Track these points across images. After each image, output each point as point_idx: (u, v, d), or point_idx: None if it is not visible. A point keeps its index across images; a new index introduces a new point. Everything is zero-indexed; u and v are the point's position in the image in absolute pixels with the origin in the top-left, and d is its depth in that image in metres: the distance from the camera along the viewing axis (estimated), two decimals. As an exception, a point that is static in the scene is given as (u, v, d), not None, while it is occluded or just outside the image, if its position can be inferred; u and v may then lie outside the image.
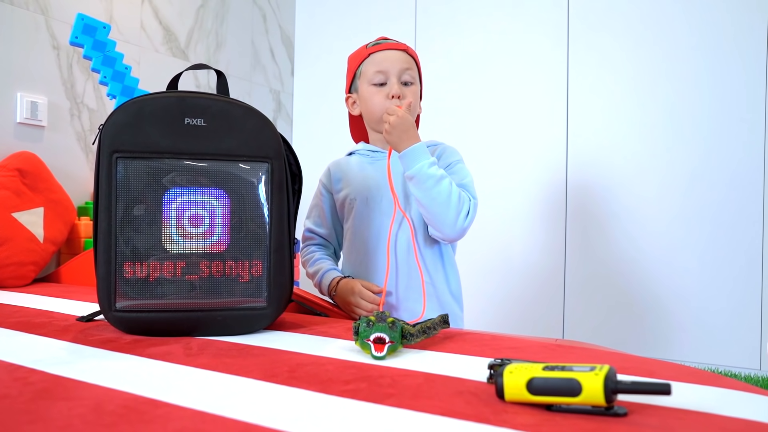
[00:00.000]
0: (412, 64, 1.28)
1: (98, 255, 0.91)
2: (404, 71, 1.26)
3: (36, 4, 1.90)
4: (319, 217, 1.38)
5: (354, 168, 1.34)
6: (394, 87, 1.25)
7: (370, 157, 1.33)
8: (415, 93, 1.28)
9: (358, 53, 1.33)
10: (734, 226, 2.24)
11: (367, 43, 1.32)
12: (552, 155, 2.53)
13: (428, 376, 0.70)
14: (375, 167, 1.30)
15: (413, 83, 1.28)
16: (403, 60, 1.27)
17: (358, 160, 1.35)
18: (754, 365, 2.19)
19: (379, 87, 1.27)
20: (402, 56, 1.27)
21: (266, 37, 2.94)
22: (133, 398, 0.61)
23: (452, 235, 1.19)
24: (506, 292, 2.57)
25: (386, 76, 1.26)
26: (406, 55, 1.28)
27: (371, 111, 1.29)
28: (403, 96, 1.25)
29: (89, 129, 2.07)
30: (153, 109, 0.91)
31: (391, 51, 1.27)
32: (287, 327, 1.00)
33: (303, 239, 1.40)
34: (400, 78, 1.26)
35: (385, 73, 1.26)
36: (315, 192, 1.41)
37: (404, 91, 1.26)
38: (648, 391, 0.55)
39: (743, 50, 2.24)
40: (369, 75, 1.28)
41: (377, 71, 1.27)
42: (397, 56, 1.27)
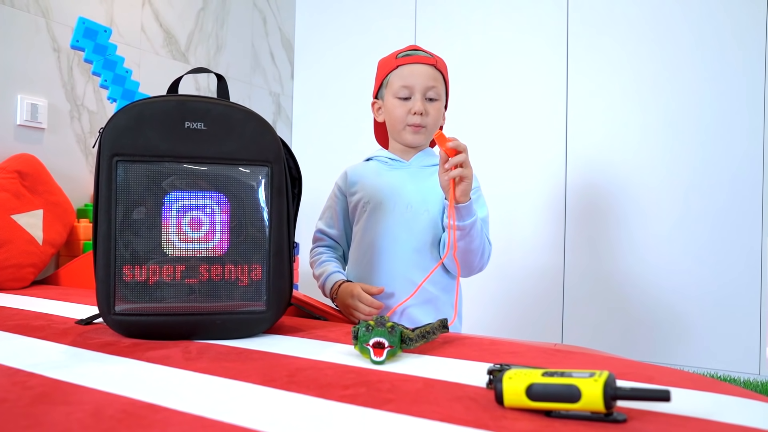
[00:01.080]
0: (438, 79, 1.29)
1: (97, 258, 0.91)
2: (430, 88, 1.27)
3: (37, 6, 1.90)
4: (332, 218, 1.38)
5: (371, 173, 1.35)
6: (417, 104, 1.26)
7: (388, 164, 1.34)
8: (439, 109, 1.29)
9: (387, 61, 1.33)
10: (734, 231, 2.24)
11: (398, 51, 1.32)
12: (551, 158, 2.54)
13: (427, 381, 0.70)
14: (392, 175, 1.32)
15: (438, 99, 1.28)
16: (429, 76, 1.27)
17: (376, 166, 1.36)
18: (753, 370, 2.19)
19: (403, 101, 1.28)
20: (429, 72, 1.27)
21: (266, 40, 2.94)
22: (131, 403, 0.61)
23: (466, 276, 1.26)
24: (505, 297, 2.57)
25: (411, 91, 1.27)
26: (433, 70, 1.28)
27: (393, 123, 1.32)
28: (425, 113, 1.26)
29: (89, 131, 2.07)
30: (153, 112, 0.92)
31: (420, 65, 1.27)
32: (286, 331, 1.00)
33: (314, 239, 1.41)
34: (425, 94, 1.27)
35: (410, 88, 1.27)
36: (330, 194, 1.41)
37: (427, 108, 1.27)
38: (648, 398, 0.55)
39: (743, 52, 2.25)
40: (395, 87, 1.29)
41: (403, 85, 1.27)
42: (425, 72, 1.27)
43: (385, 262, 1.26)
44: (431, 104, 1.28)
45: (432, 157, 1.35)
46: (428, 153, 1.37)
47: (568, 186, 2.51)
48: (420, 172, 1.33)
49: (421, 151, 1.36)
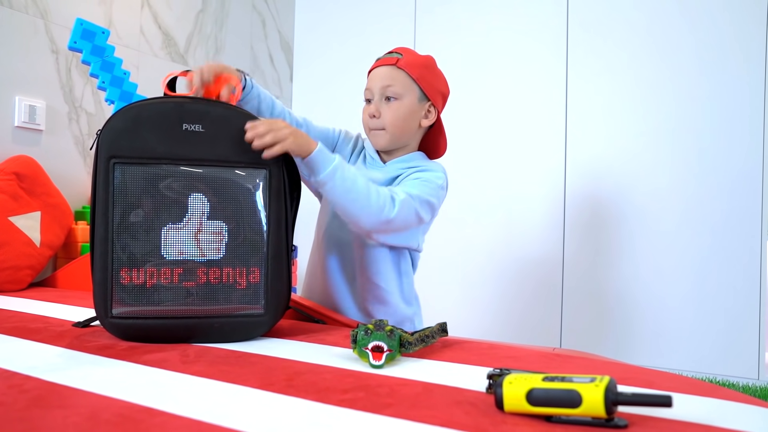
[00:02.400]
0: (397, 78, 1.23)
1: (95, 261, 0.90)
2: (385, 88, 1.23)
3: (35, 8, 1.90)
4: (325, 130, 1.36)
5: (354, 158, 1.36)
6: (371, 106, 1.25)
7: (369, 159, 1.33)
8: (397, 108, 1.22)
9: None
10: (733, 235, 2.24)
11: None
12: (550, 162, 2.54)
13: (426, 386, 0.70)
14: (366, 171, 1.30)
15: (396, 98, 1.23)
16: (386, 76, 1.24)
17: (361, 156, 1.36)
18: (752, 375, 2.19)
19: (367, 104, 1.29)
20: (387, 72, 1.24)
21: (265, 42, 2.94)
22: (128, 406, 0.61)
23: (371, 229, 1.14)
24: (504, 300, 2.56)
25: (371, 93, 1.26)
26: (393, 69, 1.24)
27: (363, 127, 1.32)
28: (378, 114, 1.24)
29: (87, 133, 2.07)
30: (150, 114, 0.91)
31: (380, 68, 1.26)
32: (285, 334, 1.00)
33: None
34: (383, 95, 1.24)
35: (370, 90, 1.26)
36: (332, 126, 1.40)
37: (382, 109, 1.24)
38: (649, 403, 0.54)
39: (743, 57, 2.25)
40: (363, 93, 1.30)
41: (366, 89, 1.28)
42: (382, 73, 1.25)
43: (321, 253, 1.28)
44: (388, 104, 1.24)
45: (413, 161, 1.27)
46: (412, 158, 1.28)
47: (567, 190, 2.50)
48: (393, 174, 1.26)
49: (405, 155, 1.28)
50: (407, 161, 1.28)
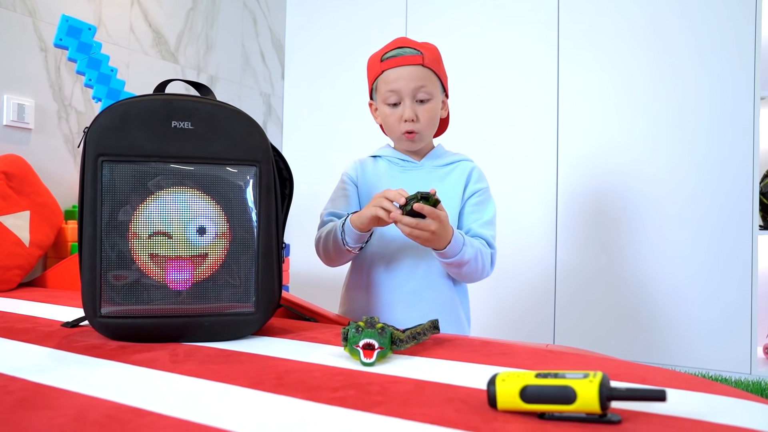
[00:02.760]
0: (428, 77, 1.21)
1: (83, 260, 0.89)
2: (418, 90, 1.20)
3: (23, 5, 1.88)
4: (347, 205, 1.27)
5: (383, 175, 1.29)
6: (407, 111, 1.20)
7: (399, 165, 1.29)
8: (431, 109, 1.22)
9: (373, 64, 1.26)
10: (725, 230, 2.25)
11: (383, 51, 1.25)
12: (542, 158, 2.53)
13: (418, 383, 0.69)
14: (405, 177, 1.28)
15: (430, 99, 1.21)
16: (416, 77, 1.20)
17: (387, 168, 1.30)
18: (744, 369, 2.20)
19: (393, 107, 1.22)
20: (415, 73, 1.20)
21: (256, 40, 2.93)
22: (116, 407, 0.60)
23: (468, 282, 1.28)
24: (496, 297, 2.56)
25: (399, 96, 1.21)
26: (420, 69, 1.20)
27: (388, 130, 1.28)
28: (416, 119, 1.21)
29: (77, 132, 2.05)
30: (139, 111, 0.90)
31: (405, 68, 1.20)
32: (275, 333, 0.99)
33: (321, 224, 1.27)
34: (414, 97, 1.20)
35: (397, 92, 1.21)
36: (338, 185, 1.32)
37: (418, 112, 1.21)
38: (643, 398, 0.54)
39: (734, 55, 2.25)
40: (383, 94, 1.23)
41: (390, 90, 1.21)
42: (410, 73, 1.20)
43: (390, 274, 1.23)
44: (422, 106, 1.22)
45: (443, 157, 1.31)
46: (439, 152, 1.32)
47: (559, 186, 2.50)
48: (433, 173, 1.28)
49: (432, 150, 1.31)
50: (438, 157, 1.30)
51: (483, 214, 1.26)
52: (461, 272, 1.19)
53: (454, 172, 1.29)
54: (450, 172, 1.29)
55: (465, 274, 1.20)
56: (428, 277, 1.23)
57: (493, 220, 1.27)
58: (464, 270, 1.17)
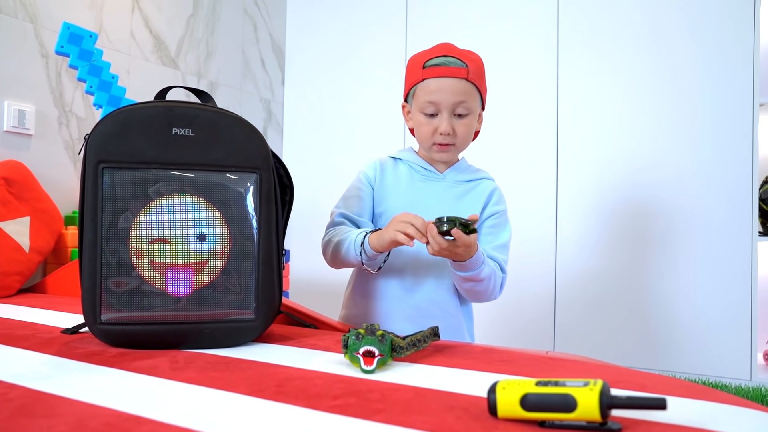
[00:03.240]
0: (470, 92, 1.18)
1: (83, 266, 0.89)
2: (458, 104, 1.17)
3: (25, 12, 1.89)
4: (360, 207, 1.24)
5: (403, 181, 1.26)
6: (443, 124, 1.17)
7: (421, 174, 1.27)
8: (468, 124, 1.19)
9: (414, 68, 1.22)
10: (725, 236, 2.25)
11: (427, 54, 1.20)
12: (542, 163, 2.54)
13: (418, 391, 0.69)
14: (425, 188, 1.25)
15: (468, 114, 1.18)
16: (458, 91, 1.16)
17: (408, 173, 1.27)
18: (745, 376, 2.19)
19: (429, 117, 1.19)
20: (458, 87, 1.16)
21: (257, 46, 2.93)
22: (116, 415, 0.60)
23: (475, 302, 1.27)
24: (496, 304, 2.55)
25: (438, 108, 1.17)
26: (464, 83, 1.17)
27: (420, 138, 1.25)
28: (453, 133, 1.18)
29: (77, 138, 2.05)
30: (140, 118, 0.90)
31: (448, 80, 1.16)
32: (276, 339, 0.99)
33: (332, 223, 1.23)
34: (453, 111, 1.17)
35: (436, 104, 1.17)
36: (353, 182, 1.28)
37: (455, 126, 1.18)
38: (644, 406, 0.54)
39: (733, 61, 2.26)
40: (420, 102, 1.19)
41: (429, 101, 1.17)
42: (453, 87, 1.16)
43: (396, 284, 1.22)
44: (460, 120, 1.18)
45: (466, 172, 1.29)
46: (462, 166, 1.30)
47: (559, 191, 2.51)
48: (454, 187, 1.26)
49: (456, 164, 1.29)
50: (461, 172, 1.29)
51: (498, 237, 1.24)
52: (473, 289, 1.17)
53: (476, 190, 1.27)
54: (471, 189, 1.27)
55: (476, 292, 1.18)
56: (435, 292, 1.22)
57: (507, 244, 1.25)
58: (477, 287, 1.16)
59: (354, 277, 1.32)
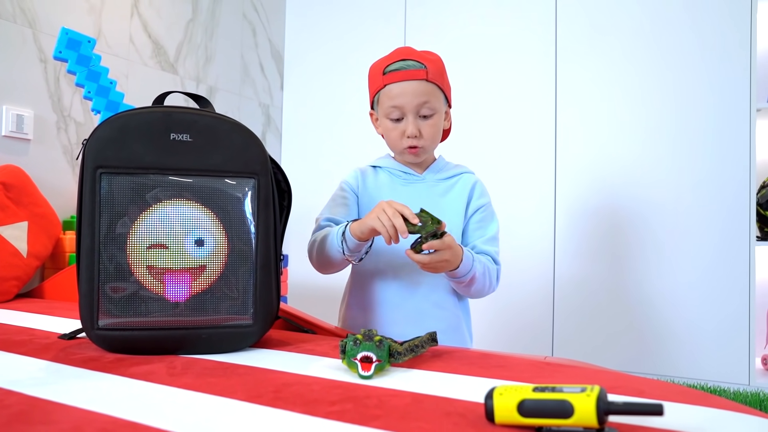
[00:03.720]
0: (432, 92, 1.19)
1: (81, 272, 0.89)
2: (421, 105, 1.18)
3: (23, 17, 1.89)
4: (346, 213, 1.24)
5: (385, 187, 1.28)
6: (409, 127, 1.18)
7: (401, 178, 1.28)
8: (434, 124, 1.21)
9: (374, 75, 1.23)
10: (723, 241, 2.25)
11: (385, 61, 1.22)
12: (540, 167, 2.54)
13: (416, 396, 0.69)
14: (406, 191, 1.26)
15: (433, 113, 1.20)
16: (419, 92, 1.17)
17: (388, 179, 1.29)
18: (743, 381, 2.19)
19: (395, 122, 1.20)
20: (419, 88, 1.17)
21: (256, 51, 2.94)
22: (113, 421, 0.59)
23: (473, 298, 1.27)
24: (495, 309, 2.56)
25: (402, 111, 1.19)
26: (424, 84, 1.18)
27: (390, 144, 1.26)
28: (420, 134, 1.19)
29: (76, 143, 2.05)
30: (138, 124, 0.90)
31: (408, 83, 1.17)
32: (273, 345, 0.99)
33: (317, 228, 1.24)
34: (417, 113, 1.19)
35: (400, 108, 1.18)
36: (337, 192, 1.29)
37: (422, 127, 1.19)
38: (641, 412, 0.54)
39: (730, 67, 2.26)
40: (385, 108, 1.21)
41: (392, 106, 1.19)
42: (414, 89, 1.17)
43: (393, 289, 1.22)
44: (425, 121, 1.20)
45: (445, 170, 1.30)
46: (440, 164, 1.31)
47: (557, 196, 2.51)
48: (435, 186, 1.27)
49: (433, 163, 1.30)
50: (439, 170, 1.30)
51: (487, 230, 1.26)
52: (470, 290, 1.19)
53: (457, 186, 1.28)
54: (452, 186, 1.28)
55: (473, 291, 1.20)
56: (433, 293, 1.23)
57: (496, 236, 1.26)
58: (473, 288, 1.18)
59: (347, 290, 1.32)
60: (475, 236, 1.25)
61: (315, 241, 1.20)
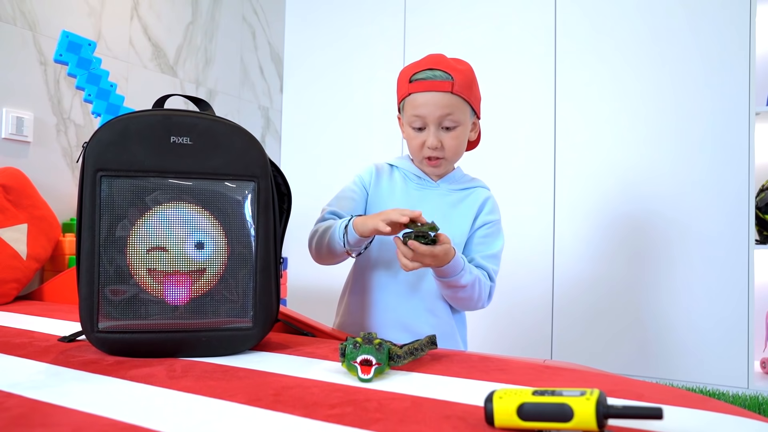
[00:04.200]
0: (456, 105, 1.17)
1: (81, 275, 0.89)
2: (444, 117, 1.17)
3: (23, 19, 1.89)
4: (352, 208, 1.24)
5: (397, 190, 1.27)
6: (430, 138, 1.17)
7: (415, 183, 1.27)
8: (457, 136, 1.19)
9: (402, 82, 1.22)
10: (721, 246, 2.25)
11: (413, 70, 1.20)
12: (539, 168, 2.54)
13: (415, 400, 0.69)
14: (419, 196, 1.26)
15: (457, 126, 1.18)
16: (443, 105, 1.16)
17: (402, 182, 1.28)
18: (742, 384, 2.19)
19: (417, 131, 1.20)
20: (443, 100, 1.16)
21: (255, 53, 2.94)
22: (113, 424, 0.60)
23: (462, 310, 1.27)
24: (494, 312, 2.56)
25: (424, 122, 1.18)
26: (448, 96, 1.16)
27: (411, 152, 1.26)
28: (441, 147, 1.18)
29: (75, 145, 2.05)
30: (138, 127, 0.91)
31: (432, 94, 1.16)
32: (273, 348, 0.99)
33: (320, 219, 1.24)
34: (440, 125, 1.17)
35: (422, 118, 1.17)
36: (348, 184, 1.29)
37: (443, 139, 1.18)
38: (640, 416, 0.54)
39: (729, 71, 2.27)
40: (408, 116, 1.20)
41: (415, 115, 1.18)
42: (438, 101, 1.16)
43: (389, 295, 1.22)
44: (448, 134, 1.18)
45: (461, 181, 1.29)
46: (457, 175, 1.30)
47: (556, 199, 2.51)
48: (447, 196, 1.26)
49: (450, 173, 1.29)
50: (455, 180, 1.29)
51: (490, 246, 1.25)
52: (456, 296, 1.18)
53: (468, 199, 1.27)
54: (465, 198, 1.27)
55: (460, 299, 1.19)
56: (429, 300, 1.22)
57: (498, 254, 1.25)
58: (459, 294, 1.17)
59: (349, 285, 1.33)
60: (476, 250, 1.24)
61: (317, 231, 1.20)
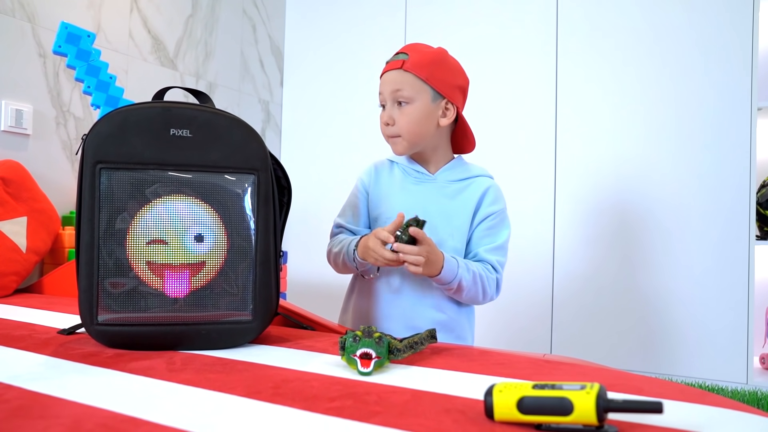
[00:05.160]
0: (405, 81, 1.20)
1: (80, 267, 0.89)
2: (395, 93, 1.21)
3: (23, 11, 1.89)
4: (354, 216, 1.30)
5: (396, 186, 1.28)
6: (385, 113, 1.23)
7: (413, 177, 1.28)
8: (410, 113, 1.20)
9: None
10: (722, 242, 2.25)
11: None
12: (540, 165, 2.54)
13: (415, 393, 0.69)
14: (417, 190, 1.26)
15: (409, 102, 1.20)
16: (394, 81, 1.21)
17: (401, 177, 1.29)
18: (741, 379, 2.20)
19: (382, 110, 1.25)
20: (394, 77, 1.21)
21: (255, 47, 2.93)
22: (112, 416, 0.59)
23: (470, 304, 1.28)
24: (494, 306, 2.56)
25: (384, 98, 1.23)
26: (400, 73, 1.20)
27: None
28: (392, 122, 1.21)
29: (75, 138, 2.05)
30: (138, 119, 0.90)
31: (388, 73, 1.23)
32: (273, 341, 0.99)
33: (331, 234, 1.32)
34: (394, 100, 1.21)
35: (382, 95, 1.23)
36: (352, 191, 1.34)
37: (395, 115, 1.21)
38: (640, 410, 0.54)
39: (732, 66, 2.26)
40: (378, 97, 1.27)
41: (379, 93, 1.25)
42: (391, 78, 1.22)
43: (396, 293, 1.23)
44: (400, 109, 1.21)
45: (460, 170, 1.29)
46: (456, 165, 1.30)
47: (557, 195, 2.51)
48: (445, 188, 1.26)
49: (448, 163, 1.29)
50: (454, 171, 1.28)
51: (495, 238, 1.24)
52: (462, 297, 1.20)
53: (468, 190, 1.26)
54: (464, 188, 1.27)
55: (466, 299, 1.21)
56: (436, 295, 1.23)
57: (504, 245, 1.25)
58: (464, 295, 1.18)
59: (355, 284, 1.34)
60: (480, 244, 1.24)
61: (331, 251, 1.28)
